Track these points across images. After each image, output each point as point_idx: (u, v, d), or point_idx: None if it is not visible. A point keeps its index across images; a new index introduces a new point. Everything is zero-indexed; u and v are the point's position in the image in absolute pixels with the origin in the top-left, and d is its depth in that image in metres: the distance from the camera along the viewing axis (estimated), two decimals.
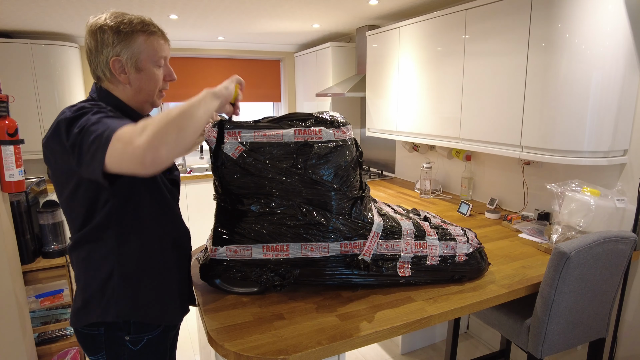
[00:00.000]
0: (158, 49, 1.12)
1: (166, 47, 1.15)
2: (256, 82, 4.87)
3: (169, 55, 1.17)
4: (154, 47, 1.11)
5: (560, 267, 1.41)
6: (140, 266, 1.14)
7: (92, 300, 1.11)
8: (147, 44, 1.09)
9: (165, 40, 1.15)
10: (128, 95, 1.12)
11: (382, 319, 1.24)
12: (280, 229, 1.31)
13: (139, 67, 1.10)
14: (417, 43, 2.72)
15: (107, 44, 1.07)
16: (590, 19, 1.71)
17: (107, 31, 1.06)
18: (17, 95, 3.40)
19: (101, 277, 1.10)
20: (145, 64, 1.10)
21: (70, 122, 0.96)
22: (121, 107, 1.11)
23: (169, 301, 1.21)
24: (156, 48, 1.11)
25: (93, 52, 1.09)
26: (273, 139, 1.28)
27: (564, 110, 1.81)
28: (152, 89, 1.14)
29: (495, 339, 2.55)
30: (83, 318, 1.12)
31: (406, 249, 1.42)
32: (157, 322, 1.18)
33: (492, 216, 2.34)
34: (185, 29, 3.64)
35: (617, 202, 1.74)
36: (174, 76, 1.19)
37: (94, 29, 1.07)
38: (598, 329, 1.62)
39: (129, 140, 0.85)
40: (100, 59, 1.09)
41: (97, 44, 1.07)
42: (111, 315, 1.10)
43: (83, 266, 1.12)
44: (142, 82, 1.12)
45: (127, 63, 1.09)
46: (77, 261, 1.14)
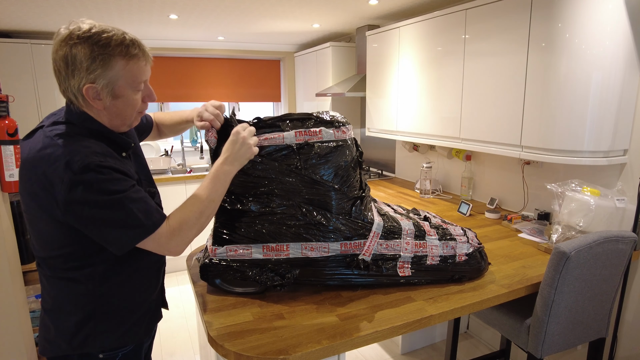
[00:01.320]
0: (138, 74, 0.99)
1: (147, 68, 1.03)
2: (256, 82, 4.87)
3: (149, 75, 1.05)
4: (134, 72, 0.98)
5: (560, 267, 1.41)
6: (122, 302, 1.09)
7: (64, 335, 1.04)
8: (126, 70, 0.96)
9: (147, 61, 1.02)
10: (103, 121, 1.01)
11: (382, 318, 1.24)
12: (280, 228, 1.31)
13: (116, 94, 0.97)
14: (417, 43, 2.72)
15: (80, 69, 0.92)
16: (590, 19, 1.71)
17: (80, 52, 0.91)
18: (17, 95, 3.40)
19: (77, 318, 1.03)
20: (122, 90, 0.98)
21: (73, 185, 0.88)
22: (103, 131, 1.01)
23: (145, 320, 1.17)
24: (136, 73, 0.98)
25: (62, 74, 0.94)
26: (274, 142, 1.28)
27: (564, 110, 1.81)
28: (129, 114, 1.03)
29: (495, 339, 2.55)
30: (55, 349, 1.06)
31: (406, 249, 1.42)
32: (133, 342, 1.14)
33: (492, 216, 2.34)
34: (185, 28, 3.64)
35: (617, 202, 1.74)
36: (154, 97, 1.08)
37: (63, 45, 0.92)
38: (598, 328, 1.62)
39: (164, 244, 0.99)
40: (71, 83, 0.94)
41: (67, 67, 0.93)
42: (87, 348, 1.05)
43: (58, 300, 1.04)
44: (118, 109, 1.00)
45: (103, 91, 0.95)
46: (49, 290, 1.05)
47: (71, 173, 0.88)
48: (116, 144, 1.04)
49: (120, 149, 1.06)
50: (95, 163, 0.91)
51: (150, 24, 3.42)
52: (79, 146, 0.92)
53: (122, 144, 1.07)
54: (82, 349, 1.04)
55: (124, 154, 1.08)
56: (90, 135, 0.98)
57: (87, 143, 0.95)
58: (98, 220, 0.92)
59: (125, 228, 0.94)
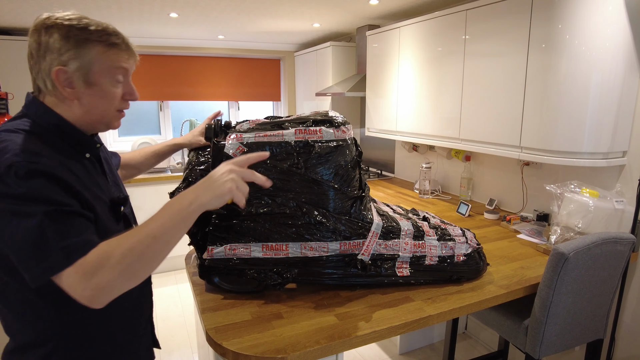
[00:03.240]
0: (116, 61, 0.91)
1: (130, 61, 0.95)
2: (256, 81, 4.87)
3: (131, 70, 0.98)
4: (111, 59, 0.90)
5: (559, 268, 1.41)
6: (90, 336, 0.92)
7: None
8: (104, 57, 0.89)
9: (131, 54, 0.95)
10: (75, 114, 0.90)
11: (380, 318, 1.24)
12: (279, 228, 1.31)
13: (90, 81, 0.88)
14: (417, 43, 2.72)
15: (52, 49, 0.85)
16: (590, 20, 1.71)
17: (55, 34, 0.85)
18: (17, 92, 3.39)
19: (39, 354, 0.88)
20: (98, 77, 0.89)
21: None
22: (63, 127, 0.89)
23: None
24: (114, 60, 0.91)
25: (34, 57, 0.86)
26: (274, 139, 1.28)
27: (564, 111, 1.82)
28: (105, 108, 0.92)
29: (493, 340, 2.55)
30: None
31: (405, 249, 1.42)
32: None
33: (491, 217, 2.34)
34: (185, 27, 3.64)
35: (616, 203, 1.74)
36: (136, 95, 0.98)
37: (38, 27, 0.86)
38: (596, 330, 1.62)
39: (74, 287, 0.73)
40: (42, 66, 0.86)
41: (39, 47, 0.85)
42: None
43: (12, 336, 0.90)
44: (92, 100, 0.90)
45: (75, 75, 0.86)
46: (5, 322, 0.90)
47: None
48: (79, 142, 0.92)
49: (83, 148, 0.93)
50: (19, 164, 0.76)
51: (150, 22, 3.41)
52: (14, 142, 0.79)
53: (86, 143, 0.94)
54: None
55: (88, 155, 0.95)
56: (48, 130, 0.87)
57: (26, 139, 0.82)
58: (10, 235, 0.75)
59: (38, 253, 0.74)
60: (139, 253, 0.76)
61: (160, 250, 0.79)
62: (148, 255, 0.77)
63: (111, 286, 0.74)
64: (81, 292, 0.73)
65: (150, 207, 3.58)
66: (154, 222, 0.79)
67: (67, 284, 0.74)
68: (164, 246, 0.79)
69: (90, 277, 0.73)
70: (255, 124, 1.35)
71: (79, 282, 0.73)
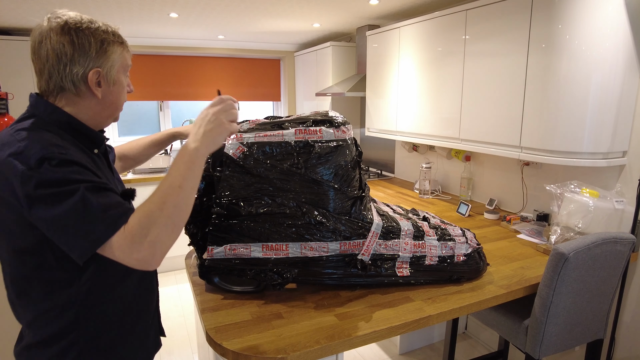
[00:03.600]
0: (127, 59, 1.01)
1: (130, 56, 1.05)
2: (256, 81, 4.87)
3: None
4: (126, 58, 1.00)
5: (559, 268, 1.41)
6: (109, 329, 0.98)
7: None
8: (121, 56, 0.98)
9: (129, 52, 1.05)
10: (93, 111, 0.96)
11: (380, 318, 1.24)
12: (279, 228, 1.31)
13: (115, 79, 0.97)
14: (417, 43, 2.72)
15: (88, 53, 0.91)
16: (590, 20, 1.71)
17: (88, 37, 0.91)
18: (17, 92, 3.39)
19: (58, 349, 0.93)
20: (118, 75, 0.98)
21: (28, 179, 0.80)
22: (73, 124, 0.94)
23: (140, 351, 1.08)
24: (127, 60, 1.01)
25: (62, 60, 0.89)
26: (274, 139, 1.28)
27: (564, 111, 1.82)
28: (122, 101, 1.02)
29: (493, 340, 2.55)
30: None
31: (405, 249, 1.43)
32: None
33: (491, 217, 2.34)
34: (185, 27, 3.64)
35: (616, 203, 1.74)
36: (132, 87, 1.06)
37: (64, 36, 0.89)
38: (596, 330, 1.62)
39: (127, 251, 0.80)
40: (74, 69, 0.90)
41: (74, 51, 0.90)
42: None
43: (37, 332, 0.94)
44: (114, 95, 0.98)
45: (106, 75, 0.95)
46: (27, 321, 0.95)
47: (26, 166, 0.80)
48: (88, 138, 0.97)
49: (93, 144, 0.98)
50: (51, 155, 0.82)
51: (150, 22, 3.41)
52: (38, 138, 0.85)
53: (95, 139, 0.99)
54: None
55: (96, 151, 1.00)
56: (59, 128, 0.91)
57: (48, 136, 0.87)
58: (54, 218, 0.80)
59: (86, 228, 0.80)
60: (174, 203, 0.84)
61: (189, 196, 0.87)
62: (181, 202, 0.85)
63: (162, 240, 0.82)
64: (137, 255, 0.80)
65: None
66: (173, 175, 0.87)
67: (119, 252, 0.80)
68: (190, 192, 0.88)
69: (142, 238, 0.80)
70: (255, 124, 1.35)
71: (133, 246, 0.80)
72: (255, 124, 1.36)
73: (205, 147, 0.91)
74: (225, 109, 0.95)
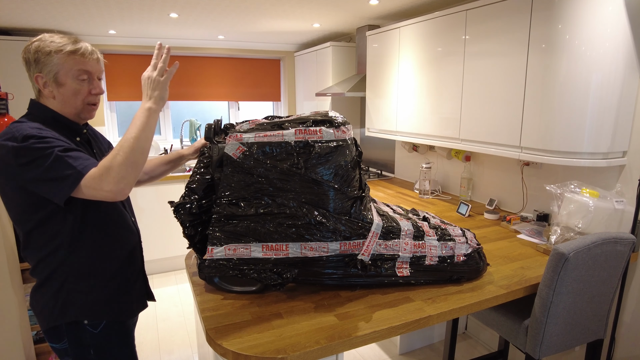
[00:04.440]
0: (77, 65, 1.18)
1: (91, 63, 1.21)
2: (256, 82, 4.87)
3: (96, 71, 1.23)
4: (71, 63, 1.17)
5: (559, 268, 1.41)
6: (92, 271, 1.22)
7: (47, 308, 1.20)
8: (65, 61, 1.17)
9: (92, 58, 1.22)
10: (57, 108, 1.21)
11: (380, 319, 1.24)
12: (279, 228, 1.31)
13: (59, 82, 1.18)
14: (417, 43, 2.72)
15: (30, 63, 1.17)
16: (590, 20, 1.71)
17: (30, 52, 1.17)
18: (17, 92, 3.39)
19: (53, 290, 1.19)
20: (64, 79, 1.18)
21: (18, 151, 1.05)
22: (57, 118, 1.21)
23: (123, 301, 1.30)
24: (74, 64, 1.18)
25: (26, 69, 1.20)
26: (274, 139, 1.28)
27: (564, 111, 1.82)
28: (74, 101, 1.21)
29: (493, 340, 2.55)
30: (45, 322, 1.22)
31: (405, 249, 1.43)
32: (113, 319, 1.27)
33: (491, 217, 2.34)
34: (186, 27, 3.64)
35: (616, 203, 1.74)
36: (100, 90, 1.25)
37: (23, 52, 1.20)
38: (596, 330, 1.62)
39: (97, 187, 1.04)
40: (30, 75, 1.19)
41: (25, 64, 1.19)
42: (67, 317, 1.20)
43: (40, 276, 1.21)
44: (65, 95, 1.19)
45: (52, 79, 1.17)
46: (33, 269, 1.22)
47: (15, 142, 1.06)
48: (68, 128, 1.22)
49: (74, 133, 1.24)
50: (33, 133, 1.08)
51: (150, 22, 3.41)
52: (25, 126, 1.11)
53: (73, 128, 1.24)
54: (64, 319, 1.20)
55: (78, 139, 1.24)
56: (45, 122, 1.17)
57: (34, 124, 1.13)
58: (40, 175, 1.05)
59: (62, 176, 1.05)
60: (132, 148, 1.07)
61: (144, 143, 1.11)
62: (137, 146, 1.09)
63: (123, 175, 1.05)
64: (108, 187, 1.04)
65: (151, 207, 3.58)
66: (130, 130, 1.11)
67: (92, 188, 1.05)
68: (145, 140, 1.12)
69: (108, 173, 1.04)
70: (255, 124, 1.35)
71: (101, 181, 1.04)
72: (255, 124, 1.36)
73: (155, 103, 1.17)
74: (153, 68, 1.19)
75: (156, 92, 1.17)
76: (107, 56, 4.16)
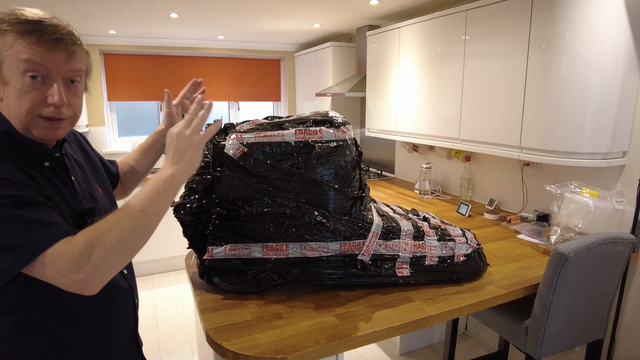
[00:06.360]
0: (31, 55, 0.75)
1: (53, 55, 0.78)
2: (256, 82, 4.87)
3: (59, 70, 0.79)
4: (22, 51, 0.75)
5: (559, 269, 1.41)
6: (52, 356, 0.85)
7: None
8: (15, 47, 0.75)
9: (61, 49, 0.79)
10: (8, 117, 0.80)
11: (380, 319, 1.24)
12: (280, 228, 1.31)
13: (3, 77, 0.77)
14: (417, 43, 2.72)
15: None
16: (590, 20, 1.71)
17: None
18: None
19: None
20: (9, 74, 0.76)
21: None
22: (10, 134, 0.80)
23: None
24: (27, 53, 0.75)
25: None
26: (274, 139, 1.28)
27: (564, 111, 1.82)
28: (19, 111, 0.78)
29: (493, 340, 2.55)
30: None
31: (405, 249, 1.42)
32: None
33: (491, 217, 2.34)
34: (186, 27, 3.64)
35: (616, 203, 1.74)
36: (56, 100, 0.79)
37: None
38: (596, 330, 1.62)
39: (63, 271, 0.70)
40: None
41: None
42: None
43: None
44: (9, 100, 0.78)
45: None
46: None
47: None
48: (29, 150, 0.82)
49: (39, 157, 0.84)
50: None
51: (150, 22, 3.41)
52: None
53: (39, 151, 0.83)
54: None
55: (47, 164, 0.85)
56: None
57: None
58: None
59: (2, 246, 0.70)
60: (129, 227, 0.75)
61: (150, 223, 0.78)
62: (138, 228, 0.76)
63: (107, 265, 0.72)
64: (74, 277, 0.70)
65: None
66: (140, 197, 0.78)
67: (53, 272, 0.70)
68: (153, 218, 0.79)
69: (85, 259, 0.70)
70: (255, 124, 1.35)
71: (70, 266, 0.70)
72: (255, 124, 1.36)
73: (182, 172, 0.84)
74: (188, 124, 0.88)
75: (186, 156, 0.85)
76: (107, 56, 4.16)
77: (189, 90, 1.28)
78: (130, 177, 1.29)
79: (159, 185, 0.81)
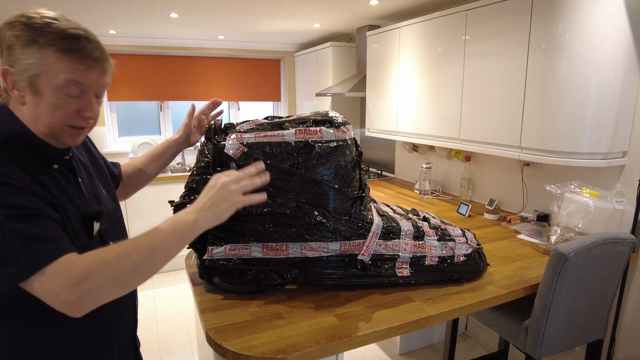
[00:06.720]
0: (72, 74, 0.79)
1: (94, 75, 0.82)
2: (256, 82, 4.87)
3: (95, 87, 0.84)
4: (65, 69, 0.78)
5: (559, 269, 1.41)
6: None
7: None
8: (54, 64, 0.77)
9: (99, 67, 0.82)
10: (26, 120, 0.81)
11: (380, 319, 1.24)
12: (280, 228, 1.30)
13: (36, 89, 0.78)
14: (417, 43, 2.72)
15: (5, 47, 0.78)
16: (590, 20, 1.71)
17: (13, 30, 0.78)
18: None
19: None
20: (44, 86, 0.78)
21: None
22: (25, 136, 0.81)
23: None
24: (69, 72, 0.78)
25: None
26: (274, 139, 1.28)
27: (564, 111, 1.82)
28: (50, 121, 0.81)
29: (493, 340, 2.55)
30: None
31: (405, 249, 1.42)
32: None
33: (491, 217, 2.34)
34: (185, 27, 3.64)
35: (616, 203, 1.74)
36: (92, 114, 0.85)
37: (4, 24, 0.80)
38: (596, 330, 1.62)
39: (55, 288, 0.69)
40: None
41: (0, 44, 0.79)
42: None
43: None
44: (37, 109, 0.80)
45: (20, 77, 0.78)
46: None
47: None
48: (41, 152, 0.83)
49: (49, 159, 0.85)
50: None
51: (150, 22, 3.41)
52: None
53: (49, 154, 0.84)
54: None
55: (56, 166, 0.86)
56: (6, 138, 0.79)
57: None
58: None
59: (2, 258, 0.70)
60: (135, 263, 0.74)
61: (157, 263, 0.77)
62: (144, 266, 0.75)
63: (99, 293, 0.71)
64: (65, 297, 0.69)
65: (150, 207, 3.58)
66: (155, 234, 0.77)
67: (44, 289, 0.70)
68: (162, 260, 0.78)
69: (79, 282, 0.69)
70: (255, 124, 1.35)
71: (63, 286, 0.69)
72: (255, 124, 1.36)
73: (206, 221, 0.83)
74: (238, 179, 0.87)
75: (217, 209, 0.84)
76: None
77: (208, 107, 1.37)
78: (135, 179, 1.31)
79: (179, 229, 0.80)
